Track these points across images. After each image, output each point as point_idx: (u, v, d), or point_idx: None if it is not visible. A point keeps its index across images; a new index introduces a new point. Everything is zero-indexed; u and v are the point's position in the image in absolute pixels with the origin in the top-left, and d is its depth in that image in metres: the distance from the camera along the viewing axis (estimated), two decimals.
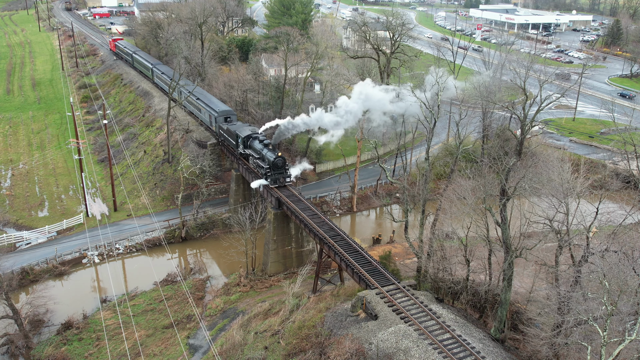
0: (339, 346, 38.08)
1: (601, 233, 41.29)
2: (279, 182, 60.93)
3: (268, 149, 61.91)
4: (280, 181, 60.92)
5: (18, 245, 66.17)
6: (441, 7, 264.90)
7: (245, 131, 67.50)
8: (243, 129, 68.30)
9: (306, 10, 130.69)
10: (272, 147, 62.16)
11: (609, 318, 28.22)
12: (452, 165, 50.45)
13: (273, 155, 60.65)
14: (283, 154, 63.60)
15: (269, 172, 60.29)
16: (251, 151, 65.06)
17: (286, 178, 61.25)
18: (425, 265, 46.61)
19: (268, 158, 60.72)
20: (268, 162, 60.57)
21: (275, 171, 60.38)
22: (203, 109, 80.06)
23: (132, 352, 49.02)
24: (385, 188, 79.71)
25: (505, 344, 40.22)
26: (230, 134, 70.29)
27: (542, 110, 52.81)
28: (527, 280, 45.49)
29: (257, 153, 63.60)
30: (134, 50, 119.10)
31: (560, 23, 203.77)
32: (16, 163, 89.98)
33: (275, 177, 60.49)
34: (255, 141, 65.06)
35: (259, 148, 63.12)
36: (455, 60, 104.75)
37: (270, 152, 61.30)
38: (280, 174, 60.75)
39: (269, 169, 60.21)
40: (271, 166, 60.07)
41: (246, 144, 66.35)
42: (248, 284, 58.80)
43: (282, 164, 60.79)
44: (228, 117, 74.63)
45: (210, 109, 77.55)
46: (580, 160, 72.89)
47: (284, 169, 60.99)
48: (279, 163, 60.40)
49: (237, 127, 70.04)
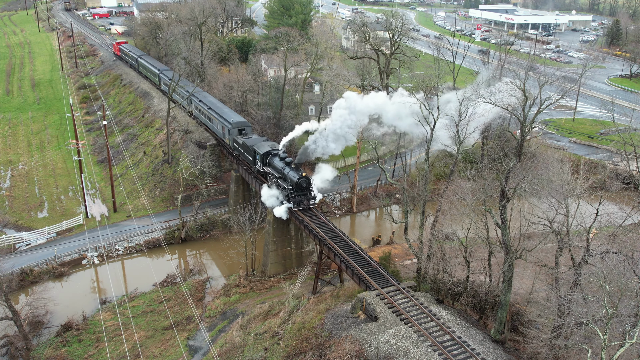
0: (339, 348, 38.06)
1: (601, 234, 41.32)
2: (303, 205, 55.08)
3: (290, 168, 55.96)
4: (304, 204, 55.04)
5: (17, 247, 66.12)
6: (441, 7, 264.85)
7: (263, 147, 61.20)
8: (261, 145, 61.94)
9: (306, 11, 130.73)
10: (294, 166, 56.27)
11: (609, 321, 28.18)
12: (451, 166, 50.36)
13: (296, 175, 54.51)
14: (306, 172, 56.60)
15: (291, 194, 54.49)
16: (271, 169, 59.01)
17: (310, 200, 55.29)
18: (425, 266, 46.57)
19: (291, 178, 54.57)
20: (291, 182, 54.48)
21: (299, 192, 54.55)
22: (215, 120, 74.52)
23: (132, 353, 48.98)
24: (385, 189, 79.69)
25: (505, 345, 40.19)
26: (246, 149, 64.20)
27: (542, 111, 52.84)
28: (527, 282, 45.45)
29: (277, 172, 57.55)
30: (140, 55, 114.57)
31: (560, 23, 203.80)
32: (15, 164, 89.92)
33: (299, 199, 54.66)
34: (275, 158, 58.87)
35: (280, 166, 57.10)
36: (455, 61, 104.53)
37: (293, 172, 55.25)
38: (304, 195, 54.85)
39: (292, 190, 54.43)
40: (294, 187, 54.28)
41: (265, 161, 60.23)
42: (248, 285, 58.75)
43: (307, 185, 54.73)
44: (242, 129, 68.95)
45: (223, 120, 71.60)
46: (580, 161, 72.87)
47: (309, 190, 55.12)
48: (303, 184, 54.37)
49: (254, 141, 64.06)
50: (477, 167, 55.38)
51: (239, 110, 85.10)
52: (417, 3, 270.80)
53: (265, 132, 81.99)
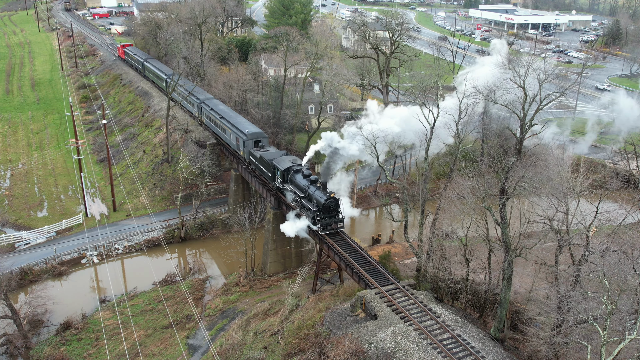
0: (339, 346, 38.01)
1: (601, 232, 41.25)
2: (331, 229, 49.17)
3: (316, 187, 50.35)
4: (332, 227, 49.16)
5: (17, 246, 66.09)
6: (440, 7, 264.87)
7: (284, 162, 55.57)
8: (282, 160, 56.26)
9: (306, 11, 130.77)
10: (320, 184, 50.49)
11: (608, 317, 28.16)
12: (451, 165, 50.32)
13: (324, 195, 48.83)
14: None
15: (318, 216, 48.77)
16: (293, 187, 53.36)
17: (338, 223, 49.64)
18: (425, 265, 46.54)
19: (317, 199, 49.08)
20: (317, 203, 49.00)
21: (326, 215, 48.94)
22: (228, 130, 69.15)
23: (131, 352, 48.94)
24: (384, 188, 79.66)
25: (505, 343, 40.16)
26: (264, 164, 58.80)
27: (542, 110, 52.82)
28: (527, 280, 45.44)
29: (300, 190, 51.93)
30: (146, 58, 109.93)
31: (560, 23, 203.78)
32: (15, 163, 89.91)
33: (325, 221, 48.87)
34: (297, 175, 53.27)
35: (304, 185, 51.46)
36: (455, 60, 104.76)
37: (319, 192, 49.58)
38: (331, 217, 49.11)
39: (318, 212, 48.78)
40: (321, 209, 48.66)
41: (286, 178, 54.53)
42: (247, 284, 58.73)
43: (335, 206, 49.12)
44: (259, 140, 63.58)
45: (238, 131, 66.15)
46: (580, 160, 72.84)
47: (337, 212, 49.57)
48: (331, 205, 48.58)
49: (273, 155, 58.82)
50: (477, 166, 55.36)
51: (238, 110, 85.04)
52: (417, 3, 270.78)
53: (265, 131, 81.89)
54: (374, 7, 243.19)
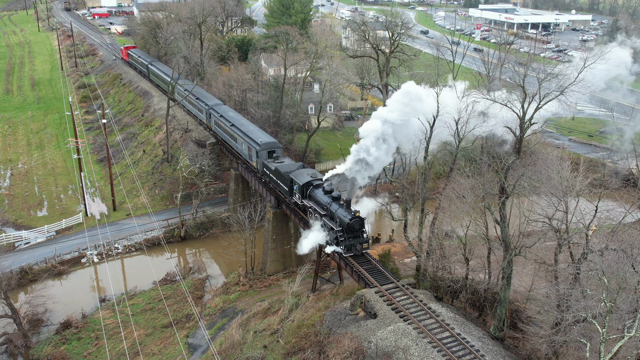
0: (338, 345, 38.03)
1: (600, 231, 41.23)
2: (355, 250, 45.33)
3: (339, 204, 46.46)
4: (356, 248, 45.31)
5: (17, 245, 66.13)
6: (440, 6, 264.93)
7: (303, 176, 51.53)
8: (300, 174, 52.18)
9: (305, 10, 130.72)
10: (343, 202, 46.54)
11: (607, 315, 28.21)
12: (451, 164, 50.31)
13: (348, 215, 44.77)
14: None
15: (341, 237, 45.07)
16: (312, 203, 49.37)
17: (363, 244, 45.71)
18: (425, 264, 46.55)
19: (341, 218, 45.14)
20: (341, 223, 45.12)
21: (350, 235, 45.20)
22: (240, 139, 65.54)
23: (131, 351, 48.99)
24: (384, 187, 79.68)
25: (505, 342, 40.18)
26: (280, 177, 54.71)
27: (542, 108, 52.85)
28: (527, 279, 45.48)
29: (321, 207, 48.02)
30: (150, 61, 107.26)
31: (560, 23, 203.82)
32: (15, 163, 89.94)
33: (349, 242, 45.15)
34: (318, 191, 49.22)
35: (325, 202, 47.51)
36: (455, 60, 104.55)
37: (342, 210, 45.61)
38: (356, 238, 45.33)
39: (341, 232, 45.06)
40: (345, 229, 44.85)
41: (305, 194, 50.54)
42: (247, 283, 58.76)
43: (360, 226, 44.98)
44: (273, 150, 60.16)
45: (250, 140, 62.79)
46: (580, 159, 72.86)
47: (361, 232, 45.54)
48: (355, 225, 44.57)
49: (289, 167, 54.98)
50: (477, 165, 55.40)
51: (238, 109, 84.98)
52: (417, 3, 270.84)
53: (265, 130, 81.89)
54: (373, 6, 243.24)
